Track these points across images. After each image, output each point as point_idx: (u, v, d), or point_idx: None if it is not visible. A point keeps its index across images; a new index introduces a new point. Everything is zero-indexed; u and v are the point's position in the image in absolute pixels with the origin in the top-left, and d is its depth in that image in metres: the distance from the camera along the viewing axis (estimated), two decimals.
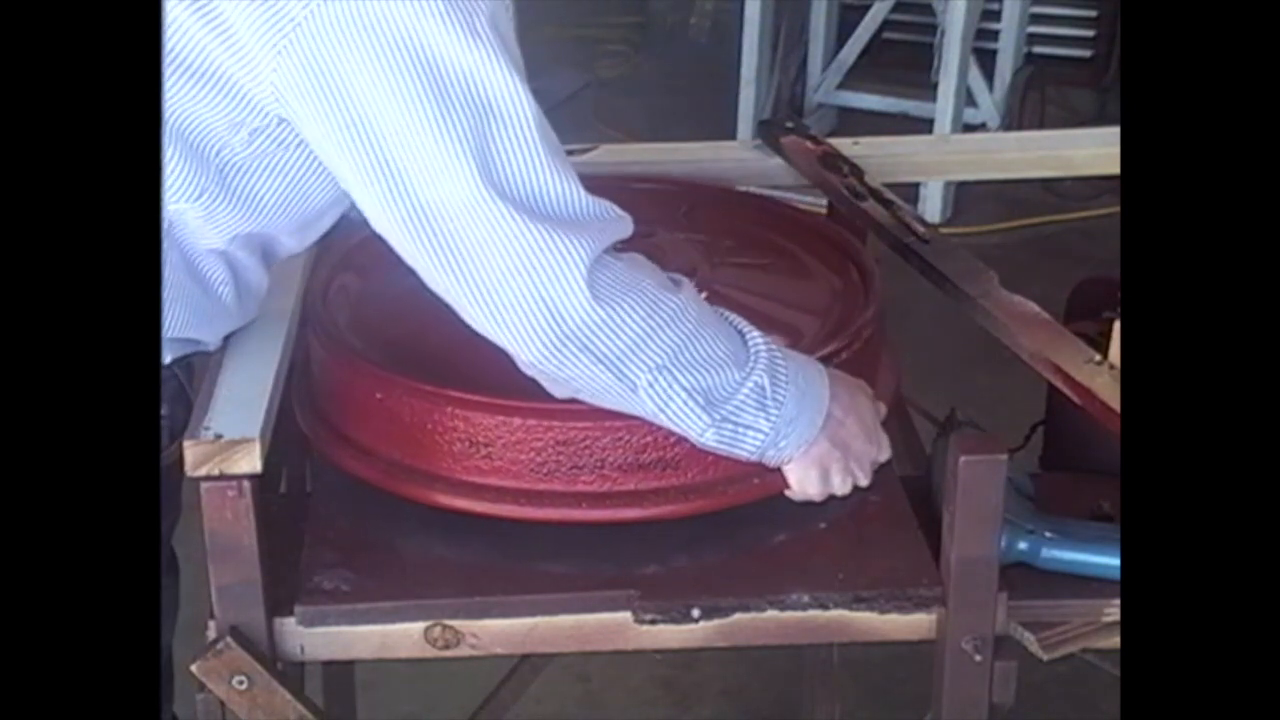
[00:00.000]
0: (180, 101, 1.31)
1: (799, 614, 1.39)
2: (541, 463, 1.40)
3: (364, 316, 1.58)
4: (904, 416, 1.65)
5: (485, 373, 1.46)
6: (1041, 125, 4.73)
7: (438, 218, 1.29)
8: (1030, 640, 1.42)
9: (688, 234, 1.70)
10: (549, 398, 1.41)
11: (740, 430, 1.38)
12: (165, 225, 1.35)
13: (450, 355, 1.52)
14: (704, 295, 1.53)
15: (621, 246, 1.37)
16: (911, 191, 4.20)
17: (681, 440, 1.39)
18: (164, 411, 1.41)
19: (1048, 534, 1.45)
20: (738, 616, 1.39)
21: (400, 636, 1.38)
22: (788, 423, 1.40)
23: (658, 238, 1.63)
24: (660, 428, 1.38)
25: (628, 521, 1.41)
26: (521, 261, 1.28)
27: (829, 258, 1.69)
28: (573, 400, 1.40)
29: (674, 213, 1.72)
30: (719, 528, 1.45)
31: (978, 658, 1.38)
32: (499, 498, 1.41)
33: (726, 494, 1.42)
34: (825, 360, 1.46)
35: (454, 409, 1.41)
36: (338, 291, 1.61)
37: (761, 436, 1.39)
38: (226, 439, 1.32)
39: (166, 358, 1.43)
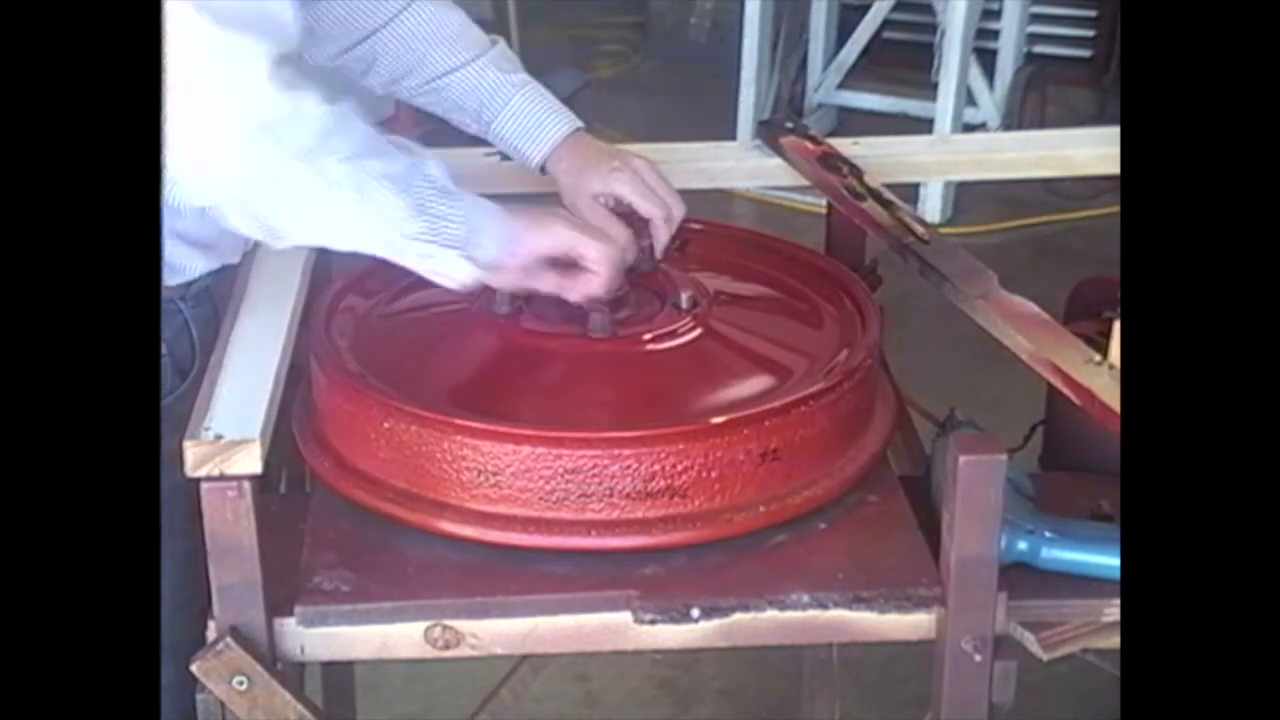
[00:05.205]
0: None
1: (799, 614, 1.39)
2: (550, 491, 1.40)
3: (366, 343, 1.58)
4: (904, 416, 1.66)
5: (489, 400, 1.47)
6: (1041, 125, 4.74)
7: None
8: (1030, 640, 1.42)
9: (682, 269, 1.69)
10: (559, 426, 1.42)
11: (438, 221, 1.41)
12: None
13: (453, 382, 1.53)
14: (700, 332, 1.55)
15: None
16: (911, 191, 4.20)
17: (689, 468, 1.40)
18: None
19: (1048, 534, 1.45)
20: (737, 616, 1.38)
21: (400, 636, 1.38)
22: (478, 211, 1.43)
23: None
24: (667, 455, 1.39)
25: (636, 550, 1.41)
26: (208, 59, 1.33)
27: (825, 292, 1.68)
28: (581, 429, 1.41)
29: (668, 247, 1.71)
30: None
31: (978, 658, 1.38)
32: (507, 526, 1.40)
33: (733, 522, 1.42)
34: (823, 395, 1.46)
35: (463, 438, 1.40)
36: (340, 317, 1.61)
37: (459, 227, 1.42)
38: (226, 439, 1.32)
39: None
